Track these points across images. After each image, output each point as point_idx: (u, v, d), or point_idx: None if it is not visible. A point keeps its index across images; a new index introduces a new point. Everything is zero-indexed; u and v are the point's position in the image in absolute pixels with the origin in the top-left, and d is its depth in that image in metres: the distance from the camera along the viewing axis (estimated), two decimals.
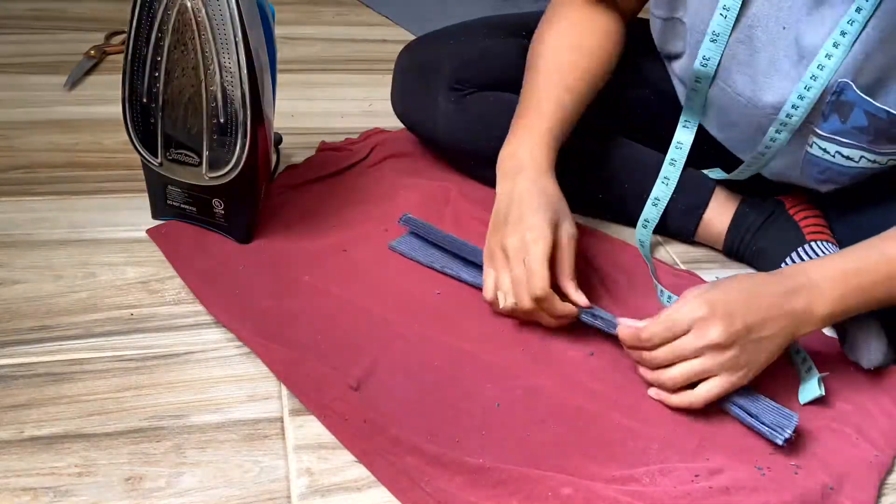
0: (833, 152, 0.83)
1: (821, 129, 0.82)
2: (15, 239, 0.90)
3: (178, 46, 0.80)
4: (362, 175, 1.07)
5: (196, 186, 0.88)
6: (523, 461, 0.69)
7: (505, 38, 1.01)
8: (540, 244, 0.78)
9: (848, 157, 0.83)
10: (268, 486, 0.66)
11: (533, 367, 0.79)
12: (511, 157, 0.85)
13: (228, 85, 0.81)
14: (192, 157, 0.85)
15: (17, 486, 0.64)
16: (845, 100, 0.78)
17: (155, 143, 0.85)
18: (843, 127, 0.80)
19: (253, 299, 0.83)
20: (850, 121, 0.79)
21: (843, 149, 0.82)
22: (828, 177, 0.86)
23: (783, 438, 0.71)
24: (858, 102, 0.78)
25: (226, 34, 0.78)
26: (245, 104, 0.81)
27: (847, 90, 0.78)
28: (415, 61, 1.05)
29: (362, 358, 0.78)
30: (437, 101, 0.98)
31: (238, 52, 0.79)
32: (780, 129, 0.84)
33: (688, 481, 0.69)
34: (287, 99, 1.12)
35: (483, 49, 1.01)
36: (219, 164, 0.85)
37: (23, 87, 1.22)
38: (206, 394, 0.74)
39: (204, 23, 0.78)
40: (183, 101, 0.82)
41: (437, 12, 1.63)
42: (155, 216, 0.93)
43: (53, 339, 0.78)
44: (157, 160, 0.86)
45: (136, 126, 0.85)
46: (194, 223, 0.92)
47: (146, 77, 0.82)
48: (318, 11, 1.66)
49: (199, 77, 0.81)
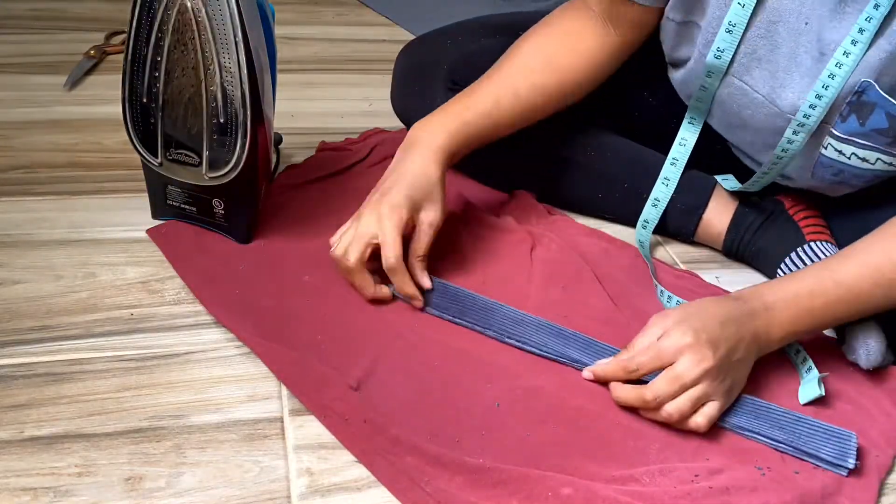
0: (849, 154, 0.82)
1: (837, 129, 0.81)
2: (15, 239, 0.90)
3: (178, 46, 0.80)
4: (362, 175, 1.07)
5: (196, 186, 0.88)
6: (523, 461, 0.69)
7: (501, 37, 1.01)
8: (393, 219, 0.81)
9: (864, 160, 0.82)
10: (268, 486, 0.66)
11: (533, 367, 0.79)
12: (416, 129, 0.88)
13: (228, 85, 0.81)
14: (192, 157, 0.85)
15: (17, 486, 0.64)
16: (867, 100, 0.77)
17: (155, 142, 0.85)
18: (861, 129, 0.79)
19: (253, 299, 0.83)
20: (870, 122, 0.79)
21: (858, 150, 0.81)
22: (841, 179, 0.86)
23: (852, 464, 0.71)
24: (881, 103, 0.77)
25: (226, 34, 0.78)
26: (245, 104, 0.81)
27: (869, 90, 0.77)
28: (413, 61, 1.05)
29: (362, 358, 0.78)
30: (435, 100, 0.98)
31: (238, 52, 0.79)
32: (798, 131, 0.82)
33: (688, 481, 0.69)
34: (287, 99, 1.12)
35: (479, 48, 1.02)
36: (219, 164, 0.85)
37: (23, 87, 1.22)
38: (206, 394, 0.74)
39: (204, 23, 0.78)
40: (183, 101, 0.82)
41: (436, 12, 1.63)
42: (155, 216, 0.93)
43: (53, 339, 0.78)
44: (157, 160, 0.86)
45: (136, 126, 0.85)
46: (194, 223, 0.92)
47: (146, 77, 0.82)
48: (318, 11, 1.66)
49: (199, 77, 0.81)
